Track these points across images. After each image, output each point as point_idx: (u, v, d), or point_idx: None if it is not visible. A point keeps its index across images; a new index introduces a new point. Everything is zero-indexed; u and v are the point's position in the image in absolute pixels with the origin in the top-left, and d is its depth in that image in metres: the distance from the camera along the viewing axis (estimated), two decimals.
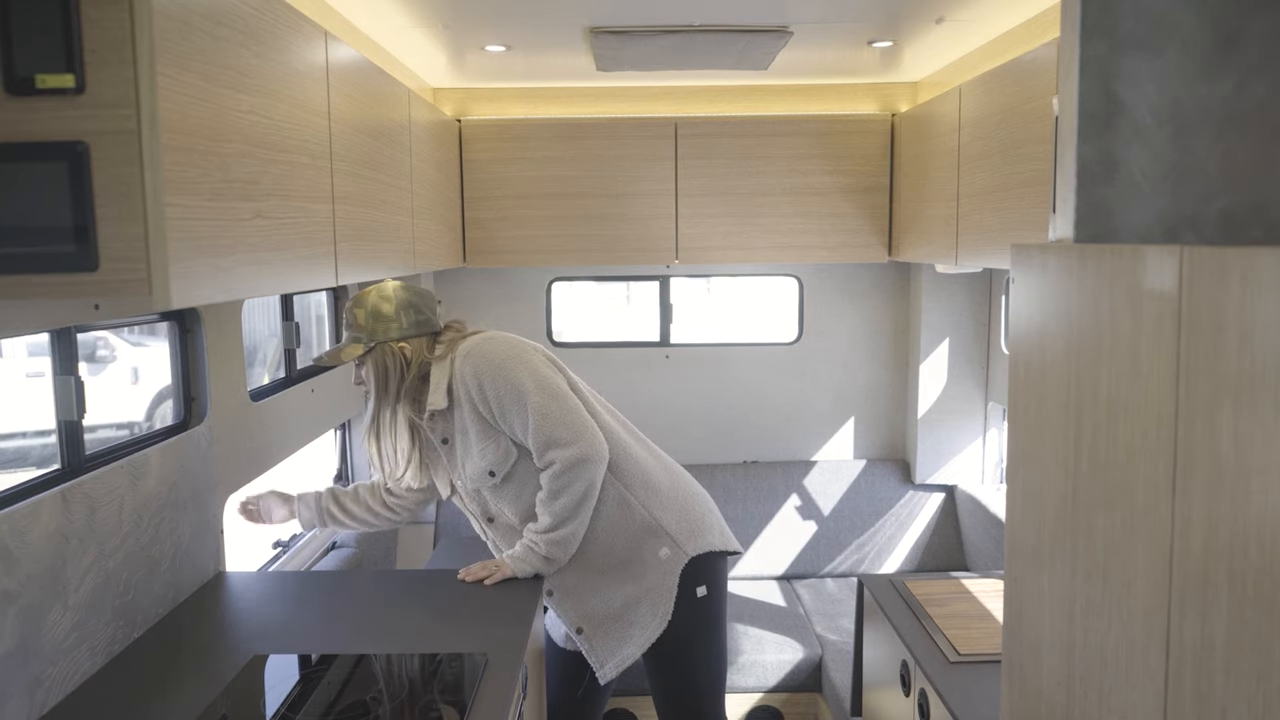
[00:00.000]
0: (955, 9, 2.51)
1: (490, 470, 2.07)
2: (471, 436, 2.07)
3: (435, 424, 2.11)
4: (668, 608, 2.11)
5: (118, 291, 1.16)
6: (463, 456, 2.10)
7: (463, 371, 2.04)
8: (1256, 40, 1.09)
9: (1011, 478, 1.26)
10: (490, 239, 3.44)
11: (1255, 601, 0.75)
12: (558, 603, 2.15)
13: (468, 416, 2.06)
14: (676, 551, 2.12)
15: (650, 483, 2.15)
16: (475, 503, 2.16)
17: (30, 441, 5.54)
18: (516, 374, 2.02)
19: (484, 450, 2.06)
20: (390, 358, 2.07)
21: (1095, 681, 1.04)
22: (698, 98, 3.58)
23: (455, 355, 2.07)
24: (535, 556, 2.07)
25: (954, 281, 3.52)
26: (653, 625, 2.12)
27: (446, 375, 2.06)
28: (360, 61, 2.12)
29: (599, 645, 2.15)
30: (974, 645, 1.95)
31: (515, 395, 2.01)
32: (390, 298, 2.10)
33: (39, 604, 1.52)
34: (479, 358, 2.05)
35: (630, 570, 2.12)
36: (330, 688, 1.61)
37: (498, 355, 2.05)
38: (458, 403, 2.06)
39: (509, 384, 2.01)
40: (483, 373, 2.03)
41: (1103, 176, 1.12)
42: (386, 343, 2.07)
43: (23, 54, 1.13)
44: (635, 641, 2.13)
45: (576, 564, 2.12)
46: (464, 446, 2.09)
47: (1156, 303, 0.90)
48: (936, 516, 3.61)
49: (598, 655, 2.15)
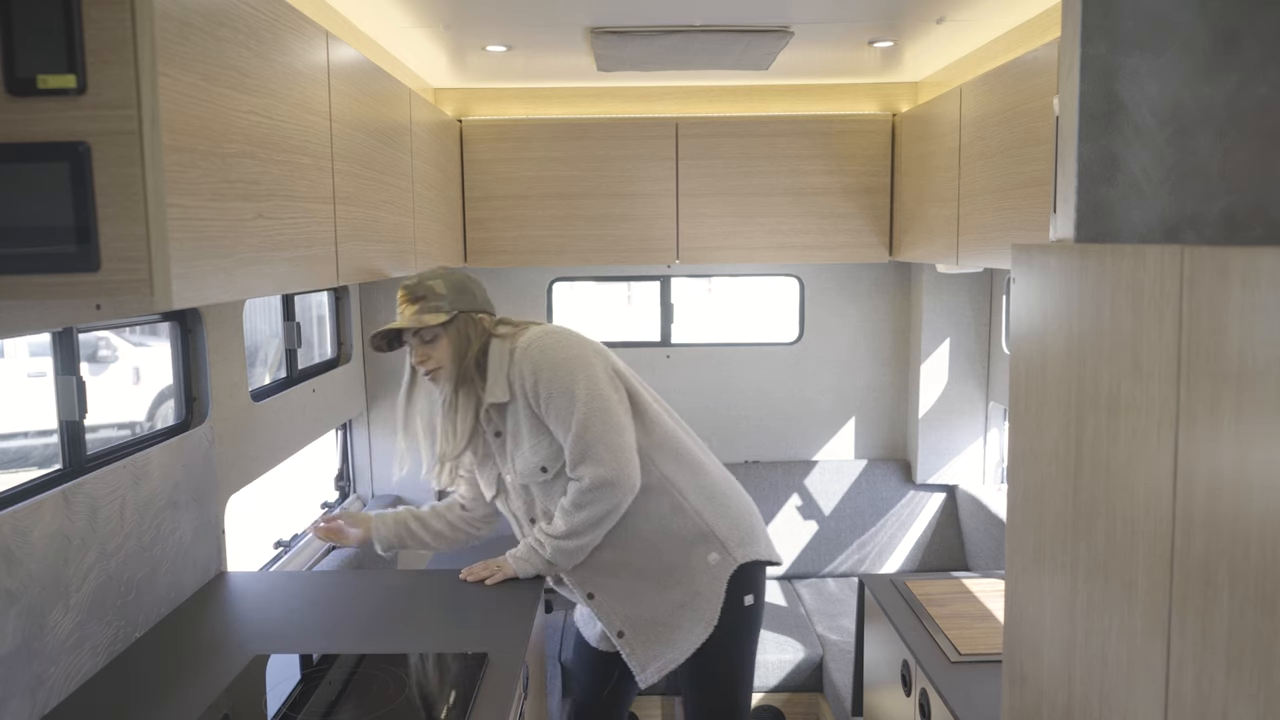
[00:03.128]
0: (956, 9, 2.51)
1: (543, 466, 2.03)
2: (524, 431, 2.04)
3: (490, 416, 2.08)
4: (714, 614, 2.08)
5: (119, 292, 1.16)
6: (513, 450, 2.07)
7: (522, 364, 2.01)
8: (1257, 40, 1.09)
9: (1012, 477, 1.26)
10: (491, 239, 3.44)
11: (1256, 601, 0.75)
12: (600, 605, 2.11)
13: (521, 410, 2.03)
14: (726, 558, 2.09)
15: (705, 488, 2.12)
16: (521, 500, 2.12)
17: (32, 441, 5.55)
18: (573, 378, 1.98)
19: (535, 446, 2.03)
20: (472, 326, 2.04)
21: (1096, 681, 1.04)
22: (698, 98, 3.59)
23: (516, 346, 2.03)
24: (539, 558, 2.06)
25: (955, 281, 3.52)
26: (697, 631, 2.08)
27: (505, 366, 2.03)
28: (361, 62, 2.12)
29: (640, 650, 2.11)
30: (975, 645, 1.95)
31: (566, 399, 1.97)
32: (460, 274, 2.10)
33: (41, 604, 1.52)
34: (538, 352, 2.00)
35: (677, 574, 2.09)
36: (331, 688, 1.61)
37: (559, 354, 2.00)
38: (514, 396, 2.03)
39: (562, 386, 1.98)
40: (540, 367, 1.99)
41: (1103, 176, 1.12)
42: (469, 312, 2.04)
43: (24, 54, 1.13)
44: (679, 647, 2.10)
45: (623, 567, 2.08)
46: (515, 441, 2.06)
47: (1157, 303, 0.90)
48: (937, 516, 3.61)
49: (639, 659, 2.11)
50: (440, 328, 2.03)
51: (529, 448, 2.03)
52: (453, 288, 2.05)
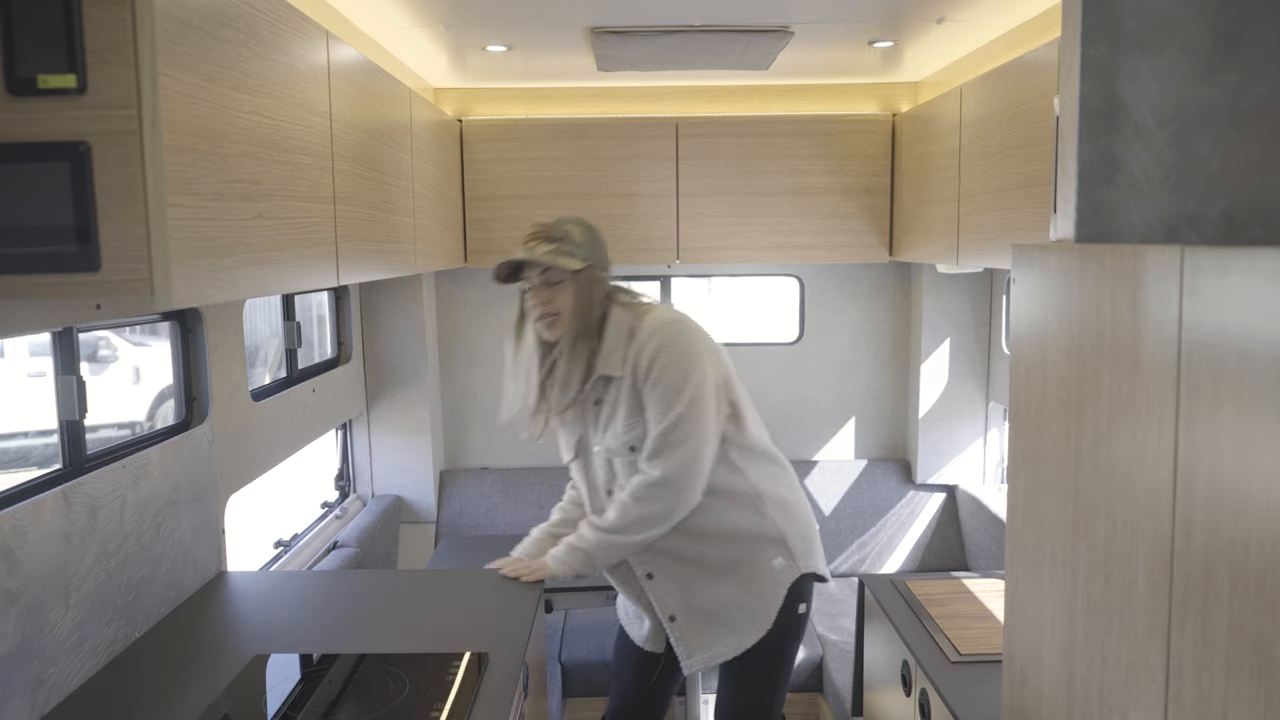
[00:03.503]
0: (956, 9, 2.51)
1: (632, 445, 2.00)
2: (623, 407, 2.00)
3: (595, 383, 2.04)
4: (770, 617, 2.07)
5: (119, 291, 1.16)
6: (608, 421, 2.03)
7: (645, 344, 1.96)
8: (1257, 40, 1.09)
9: (1012, 478, 1.26)
10: (491, 239, 3.44)
11: (1256, 601, 0.75)
12: (657, 586, 2.07)
13: (626, 387, 1.99)
14: (790, 565, 2.08)
15: (783, 496, 2.12)
16: (604, 471, 2.08)
17: (32, 441, 5.55)
18: (686, 376, 1.94)
19: (630, 424, 2.00)
20: (598, 284, 1.99)
21: (1096, 681, 1.04)
22: (699, 98, 3.59)
23: (642, 325, 1.99)
24: (580, 555, 2.01)
25: (955, 281, 3.52)
26: (752, 631, 2.07)
27: (625, 340, 1.98)
28: (361, 62, 2.12)
29: (688, 637, 2.08)
30: (975, 645, 1.95)
31: (671, 392, 1.94)
32: (596, 228, 2.03)
33: (41, 604, 1.52)
34: (664, 339, 1.96)
35: (739, 572, 2.07)
36: (331, 687, 1.61)
37: (683, 346, 1.97)
38: (626, 372, 1.99)
39: (673, 379, 1.94)
40: (661, 353, 1.95)
41: (1104, 177, 1.12)
42: (597, 269, 1.99)
43: (25, 54, 1.13)
44: (729, 642, 2.08)
45: (690, 556, 2.05)
46: (613, 413, 2.02)
47: (1157, 303, 0.90)
48: (937, 516, 3.61)
49: (686, 646, 2.09)
50: (570, 275, 1.96)
51: (624, 425, 2.00)
52: (588, 238, 1.99)
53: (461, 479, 3.69)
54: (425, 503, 3.59)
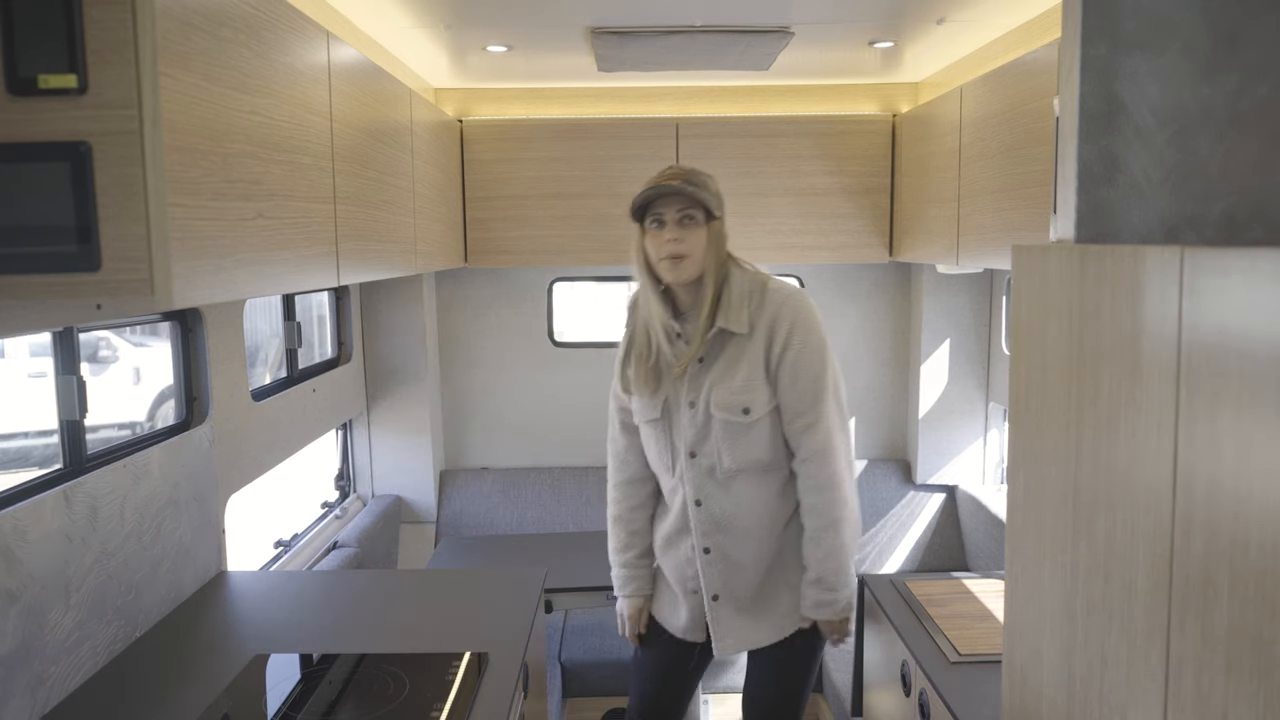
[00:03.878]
0: (956, 10, 2.51)
1: (746, 408, 1.95)
2: (743, 367, 1.96)
3: (715, 338, 1.99)
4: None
5: (120, 291, 1.17)
6: (716, 380, 1.97)
7: (780, 308, 1.96)
8: (1257, 41, 1.09)
9: (1012, 478, 1.26)
10: (492, 239, 3.44)
11: (1256, 601, 0.75)
12: (709, 563, 2.04)
13: (752, 348, 1.96)
14: None
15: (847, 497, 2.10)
16: (694, 432, 2.00)
17: (32, 441, 5.55)
18: (825, 348, 1.99)
19: (749, 385, 1.95)
20: (724, 241, 1.99)
21: (1096, 681, 1.04)
22: (699, 98, 3.59)
23: (770, 288, 1.98)
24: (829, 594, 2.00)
25: (955, 282, 3.52)
26: (788, 621, 2.05)
27: (748, 301, 1.97)
28: (362, 62, 2.12)
29: (726, 619, 2.06)
30: (975, 645, 1.95)
31: (818, 363, 1.97)
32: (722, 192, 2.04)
33: (41, 603, 1.52)
34: (801, 308, 1.97)
35: (790, 566, 2.06)
36: (331, 687, 1.61)
37: (818, 318, 2.00)
38: (752, 333, 1.96)
39: (817, 349, 1.97)
40: (800, 321, 1.96)
41: (1104, 177, 1.12)
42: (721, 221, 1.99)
43: (25, 54, 1.13)
44: (764, 630, 2.06)
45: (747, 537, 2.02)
46: (726, 372, 1.97)
47: (1157, 303, 0.90)
48: (937, 517, 3.61)
49: (723, 627, 2.06)
50: (706, 220, 1.95)
51: (741, 384, 1.95)
52: (720, 196, 1.99)
53: (461, 479, 3.69)
54: (425, 503, 3.59)
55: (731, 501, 2.00)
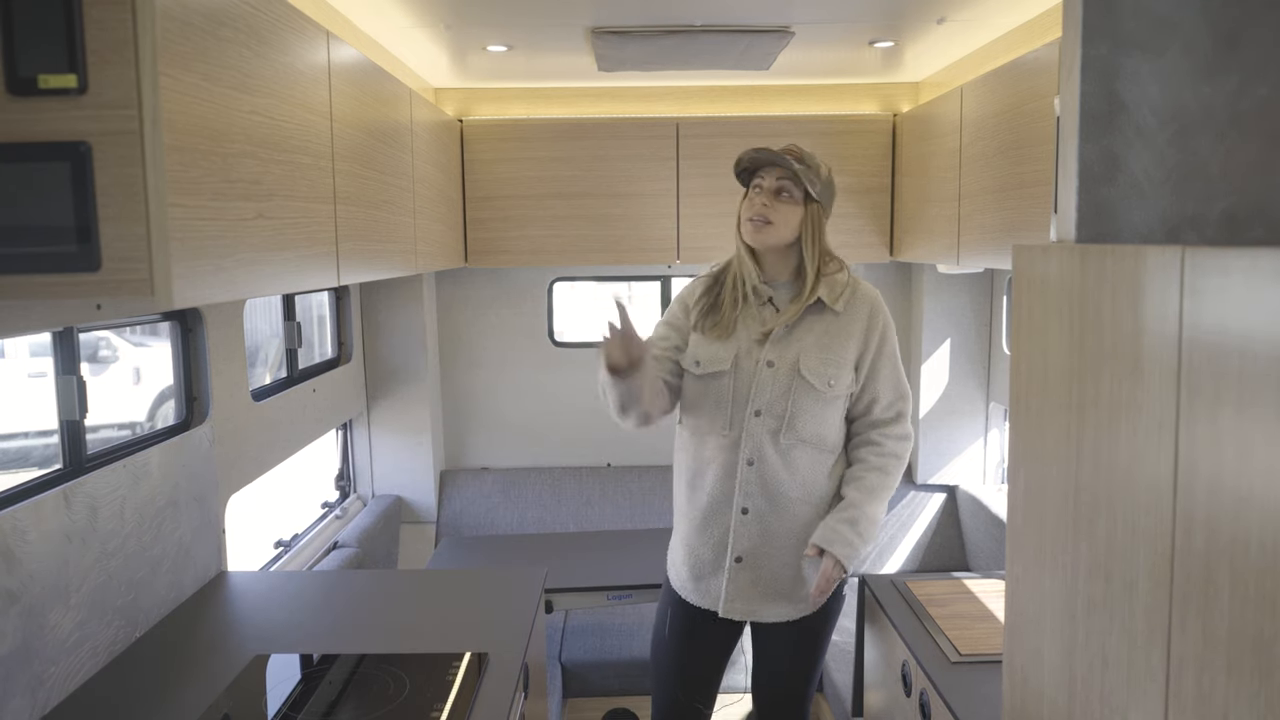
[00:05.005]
0: (957, 9, 2.51)
1: (830, 381, 2.02)
2: (834, 345, 2.03)
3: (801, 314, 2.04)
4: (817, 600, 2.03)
5: (120, 291, 1.17)
6: (806, 348, 2.02)
7: (874, 302, 2.10)
8: (1258, 41, 1.09)
9: (1013, 478, 1.26)
10: (492, 239, 3.44)
11: (1256, 601, 0.75)
12: (744, 523, 2.03)
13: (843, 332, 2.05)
14: None
15: None
16: (767, 390, 2.01)
17: (32, 441, 5.55)
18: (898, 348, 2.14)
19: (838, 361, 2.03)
20: (819, 227, 2.04)
21: (1097, 682, 1.04)
22: (699, 98, 3.58)
23: (861, 286, 2.11)
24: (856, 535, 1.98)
25: (955, 282, 3.52)
26: (794, 610, 2.06)
27: (841, 289, 2.06)
28: (362, 62, 2.12)
29: (739, 586, 2.05)
30: (975, 645, 1.95)
31: (897, 365, 2.11)
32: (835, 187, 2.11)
33: (41, 604, 1.52)
34: (886, 311, 2.13)
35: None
36: (331, 687, 1.61)
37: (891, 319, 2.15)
38: (852, 317, 2.06)
39: (895, 353, 2.11)
40: (888, 322, 2.11)
41: (1104, 177, 1.12)
42: (825, 214, 2.05)
43: (25, 54, 1.13)
44: (773, 609, 2.05)
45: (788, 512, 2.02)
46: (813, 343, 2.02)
47: (1157, 303, 0.90)
48: (938, 517, 3.61)
49: (733, 590, 2.05)
50: (804, 198, 2.02)
51: (832, 358, 2.03)
52: (828, 186, 2.06)
53: (462, 479, 3.69)
54: (425, 503, 3.59)
55: (785, 468, 2.01)
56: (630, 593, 2.74)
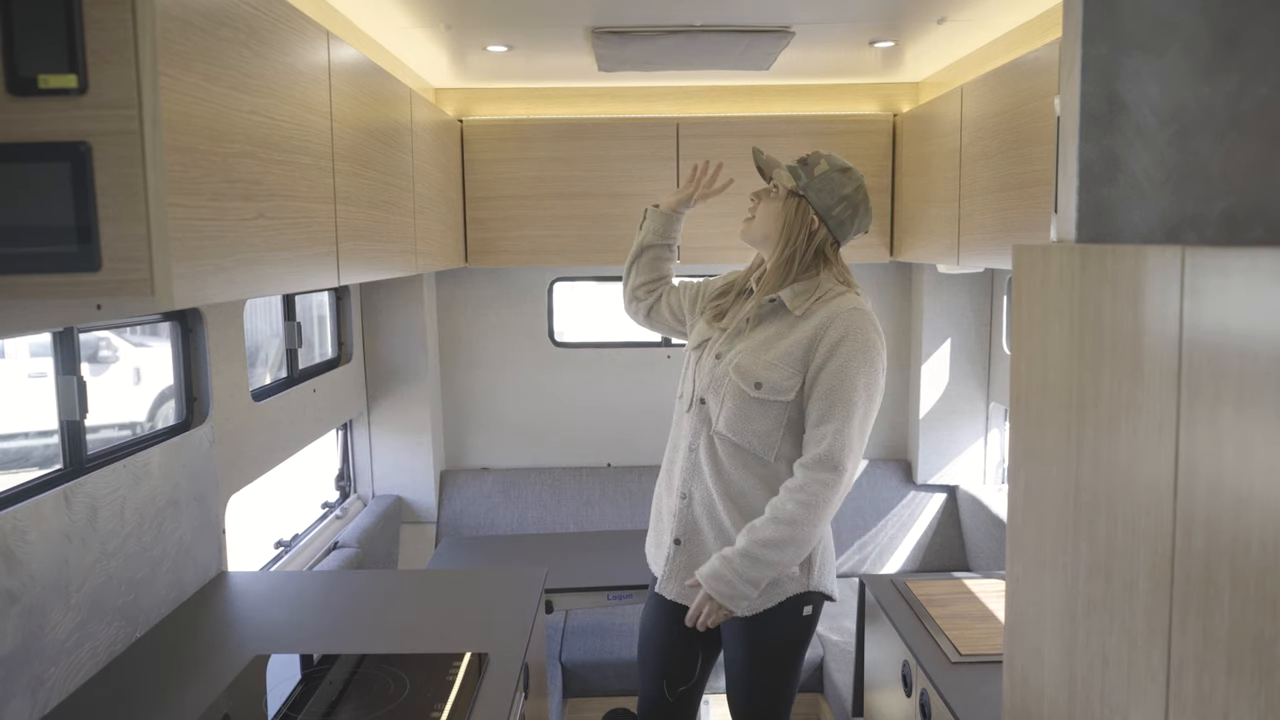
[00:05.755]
0: (957, 9, 2.51)
1: (758, 382, 1.92)
2: (778, 348, 1.93)
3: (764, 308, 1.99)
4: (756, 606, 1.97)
5: (120, 291, 1.17)
6: (747, 346, 1.97)
7: (839, 319, 1.90)
8: (1258, 41, 1.09)
9: (1013, 478, 1.26)
10: (492, 239, 3.44)
11: (1257, 601, 0.75)
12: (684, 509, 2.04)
13: (797, 337, 1.93)
14: (803, 578, 1.99)
15: None
16: (707, 378, 2.01)
17: (32, 442, 5.55)
18: (865, 375, 1.90)
19: (773, 366, 1.92)
20: (805, 227, 1.95)
21: (1097, 682, 1.04)
22: (699, 98, 3.59)
23: (845, 300, 1.94)
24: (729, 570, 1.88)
25: (956, 281, 3.52)
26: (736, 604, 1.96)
27: (817, 299, 1.95)
28: (362, 62, 2.12)
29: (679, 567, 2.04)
30: (976, 645, 1.95)
31: (847, 388, 1.88)
32: (856, 180, 1.98)
33: (41, 604, 1.52)
34: (862, 323, 1.91)
35: None
36: (332, 688, 1.61)
37: (874, 339, 1.92)
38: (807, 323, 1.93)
39: (852, 376, 1.89)
40: (853, 334, 1.89)
41: (1104, 177, 1.12)
42: (817, 213, 1.95)
43: (25, 54, 1.13)
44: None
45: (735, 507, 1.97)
46: (757, 342, 1.96)
47: (1157, 303, 0.90)
48: (938, 517, 3.61)
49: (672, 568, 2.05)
50: (779, 195, 1.99)
51: (769, 361, 1.92)
52: (827, 180, 1.94)
53: (462, 479, 3.69)
54: (425, 503, 3.59)
55: (715, 464, 2.00)
56: (630, 593, 2.74)
